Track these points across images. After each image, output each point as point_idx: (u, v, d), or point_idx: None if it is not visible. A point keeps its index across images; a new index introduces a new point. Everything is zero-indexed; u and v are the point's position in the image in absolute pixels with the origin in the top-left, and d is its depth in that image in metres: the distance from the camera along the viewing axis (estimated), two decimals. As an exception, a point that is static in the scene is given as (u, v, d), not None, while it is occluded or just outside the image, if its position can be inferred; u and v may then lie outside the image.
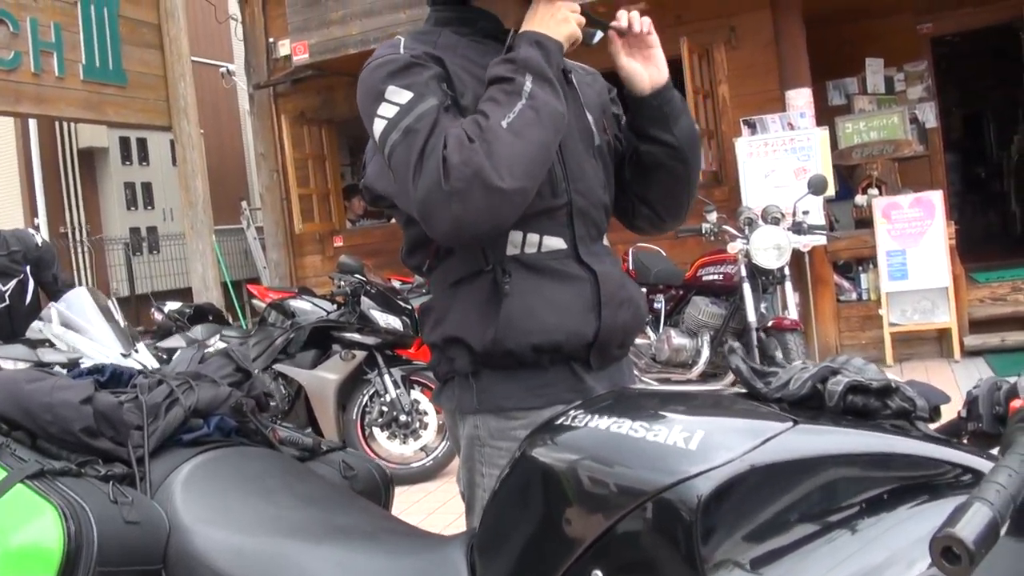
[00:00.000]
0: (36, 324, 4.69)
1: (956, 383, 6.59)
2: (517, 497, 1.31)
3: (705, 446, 1.13)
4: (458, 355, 1.75)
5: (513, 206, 1.60)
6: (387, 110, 1.65)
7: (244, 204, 11.91)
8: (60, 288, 5.28)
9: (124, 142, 11.36)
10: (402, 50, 1.71)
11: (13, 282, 5.21)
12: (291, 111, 10.13)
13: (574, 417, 1.27)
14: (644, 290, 6.19)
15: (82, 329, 4.64)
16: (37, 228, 10.74)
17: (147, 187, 11.58)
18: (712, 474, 1.11)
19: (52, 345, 4.64)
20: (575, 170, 1.79)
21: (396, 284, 7.04)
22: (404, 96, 1.64)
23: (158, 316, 6.99)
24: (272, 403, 2.15)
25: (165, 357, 4.88)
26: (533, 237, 1.74)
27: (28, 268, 5.31)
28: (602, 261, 1.83)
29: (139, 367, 4.20)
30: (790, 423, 1.16)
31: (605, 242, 1.91)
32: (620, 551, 1.15)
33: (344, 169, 11.85)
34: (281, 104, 10.28)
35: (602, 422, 1.22)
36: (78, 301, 4.80)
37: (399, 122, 1.63)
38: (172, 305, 6.94)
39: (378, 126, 1.66)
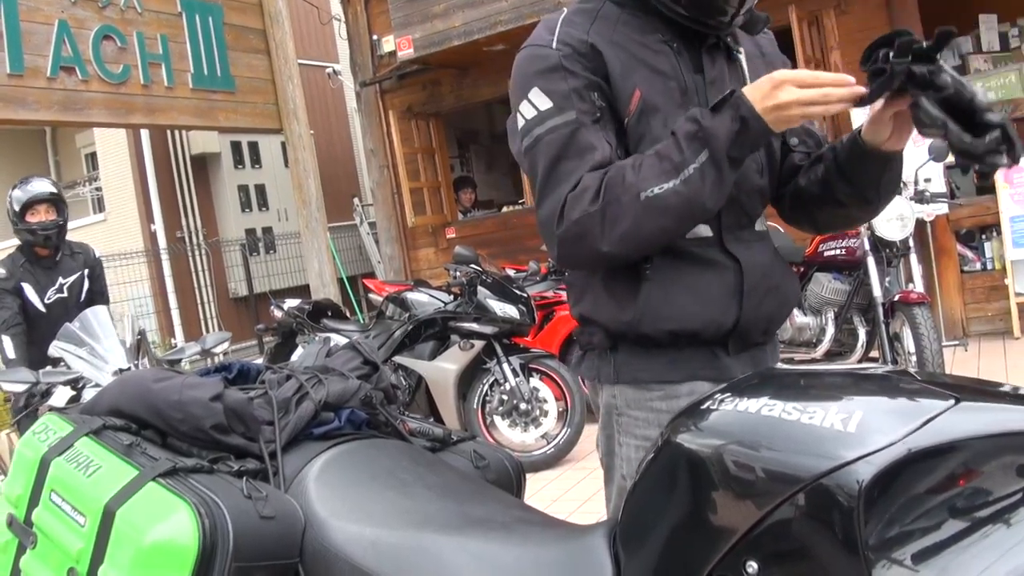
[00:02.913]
0: (55, 343, 4.83)
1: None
2: (662, 485, 1.25)
3: (864, 428, 1.06)
4: (595, 332, 1.77)
5: (614, 263, 1.67)
6: (527, 110, 1.68)
7: (356, 201, 12.06)
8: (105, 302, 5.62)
9: (236, 146, 11.61)
10: (555, 40, 1.69)
11: (73, 277, 5.53)
12: (398, 106, 10.19)
13: (721, 400, 1.20)
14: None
15: (87, 346, 4.73)
16: (154, 234, 11.07)
17: (260, 189, 11.82)
18: (873, 458, 1.04)
19: (64, 364, 4.74)
20: None
21: (511, 273, 7.00)
22: (544, 103, 1.65)
23: (278, 314, 7.10)
24: (398, 394, 2.13)
25: (167, 367, 4.88)
26: None
27: (87, 271, 5.62)
28: (750, 248, 1.78)
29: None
30: (952, 401, 1.08)
31: (759, 226, 1.84)
32: (775, 541, 1.09)
33: (453, 161, 11.89)
34: (388, 100, 10.36)
35: (752, 404, 1.16)
36: (94, 318, 4.90)
37: (532, 129, 1.67)
38: (291, 303, 7.04)
39: (519, 121, 1.70)
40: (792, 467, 1.07)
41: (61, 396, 4.55)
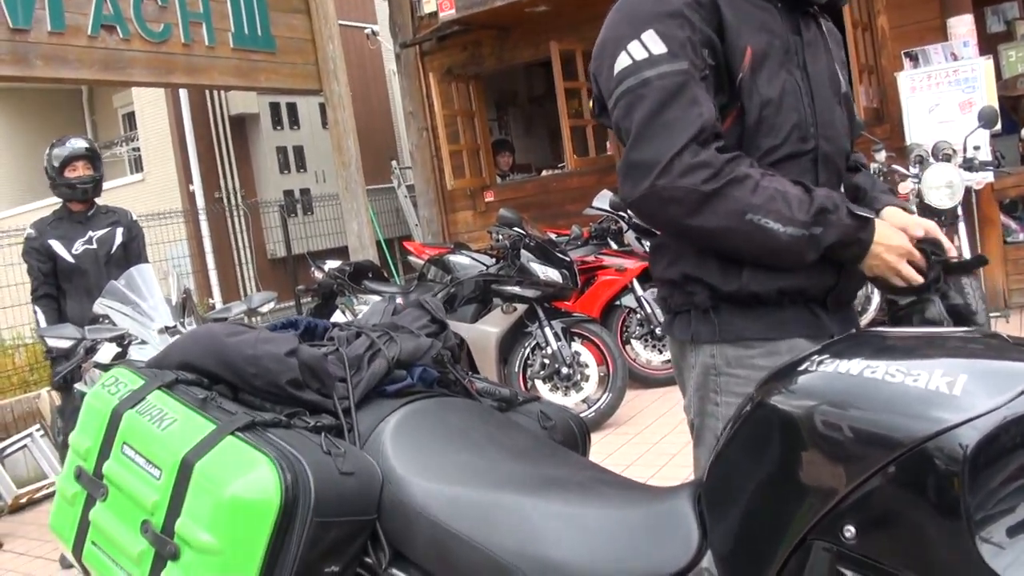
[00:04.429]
0: (100, 299, 4.87)
1: None
2: (753, 447, 1.23)
3: (970, 391, 1.04)
4: (698, 291, 1.77)
5: (682, 236, 1.74)
6: (637, 51, 1.66)
7: (394, 163, 12.04)
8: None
9: (274, 107, 11.60)
10: None
11: (103, 231, 5.59)
12: (438, 68, 10.14)
13: (820, 362, 1.18)
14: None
15: (132, 303, 4.75)
16: (193, 195, 11.10)
17: (299, 150, 11.81)
18: (979, 422, 1.02)
19: (108, 320, 4.77)
20: (824, 115, 1.77)
21: (553, 237, 6.98)
22: (658, 47, 1.64)
23: (318, 275, 7.12)
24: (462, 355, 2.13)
25: None
26: None
27: (120, 230, 5.66)
28: None
29: None
30: None
31: (841, 189, 1.89)
32: (875, 506, 1.07)
33: (491, 124, 11.83)
34: (428, 62, 10.31)
35: (853, 366, 1.14)
36: (139, 276, 4.92)
37: (640, 71, 1.65)
38: (332, 264, 7.06)
39: (623, 61, 1.67)
40: (897, 429, 1.06)
41: (106, 352, 4.59)
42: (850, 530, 1.08)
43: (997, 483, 1.01)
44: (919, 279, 1.66)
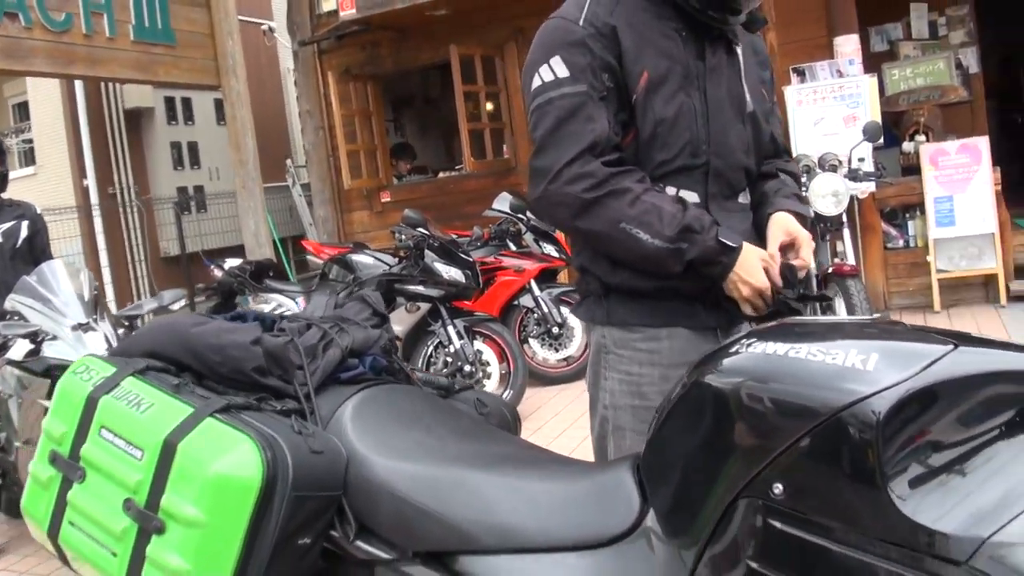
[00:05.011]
0: (11, 295, 4.87)
1: (1004, 328, 6.63)
2: (688, 420, 1.40)
3: (880, 367, 1.22)
4: (591, 280, 2.04)
5: (572, 238, 2.08)
6: (546, 74, 1.90)
7: (288, 162, 12.00)
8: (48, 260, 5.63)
9: (169, 102, 11.45)
10: (583, 19, 1.90)
11: (7, 225, 5.53)
12: (336, 67, 10.16)
13: (748, 344, 1.36)
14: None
15: (45, 300, 4.78)
16: (86, 190, 10.89)
17: (193, 146, 11.69)
18: (888, 393, 1.19)
19: (20, 318, 4.78)
20: (718, 134, 1.97)
21: (454, 237, 7.10)
22: (562, 71, 1.88)
23: (218, 273, 7.10)
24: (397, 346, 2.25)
25: (127, 323, 4.97)
26: (671, 190, 1.94)
27: (25, 224, 5.61)
28: (731, 217, 2.00)
29: (101, 337, 4.36)
30: (951, 345, 1.25)
31: (743, 199, 2.09)
32: (800, 466, 1.25)
33: (387, 125, 11.88)
34: (326, 60, 10.32)
35: (779, 348, 1.31)
36: (50, 272, 4.94)
37: (547, 91, 1.89)
38: (233, 262, 7.05)
39: (536, 81, 1.92)
40: (817, 401, 1.23)
41: (19, 349, 4.56)
42: (778, 487, 1.25)
43: (904, 443, 1.20)
44: (759, 313, 1.90)
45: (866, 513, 1.17)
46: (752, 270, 1.87)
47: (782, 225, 1.98)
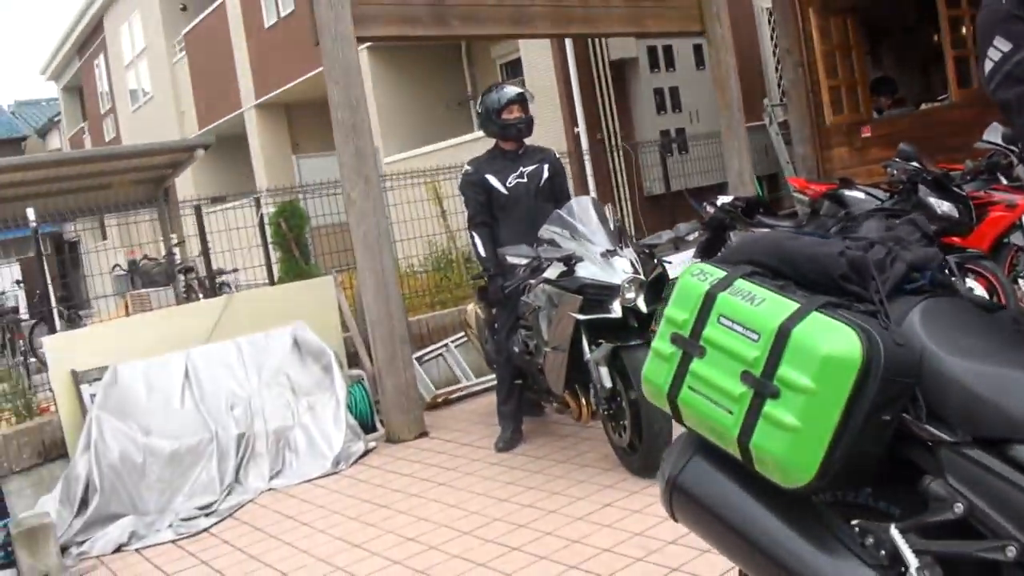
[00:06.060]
0: (545, 226, 5.53)
1: None
2: None
3: None
4: None
5: None
6: (993, 54, 1.99)
7: (766, 101, 12.23)
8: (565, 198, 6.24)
9: (651, 51, 12.09)
10: None
11: (532, 167, 6.24)
12: (816, 3, 10.20)
13: None
14: None
15: (574, 229, 5.37)
16: (577, 137, 11.86)
17: (674, 91, 12.27)
18: None
19: (553, 244, 5.41)
20: None
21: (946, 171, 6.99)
22: (1006, 46, 1.96)
23: (710, 210, 7.55)
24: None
25: (647, 251, 5.43)
26: None
27: (547, 166, 6.29)
28: None
29: (626, 262, 4.83)
30: None
31: None
32: None
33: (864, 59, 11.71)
34: (810, -4, 10.37)
35: None
36: (578, 206, 5.56)
37: (1001, 67, 1.97)
38: (724, 199, 7.47)
39: (987, 65, 2.02)
40: None
41: (554, 270, 5.33)
42: None
43: None
44: None
45: None
46: None
47: None
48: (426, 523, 4.95)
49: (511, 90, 6.32)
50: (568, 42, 11.56)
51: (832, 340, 1.84)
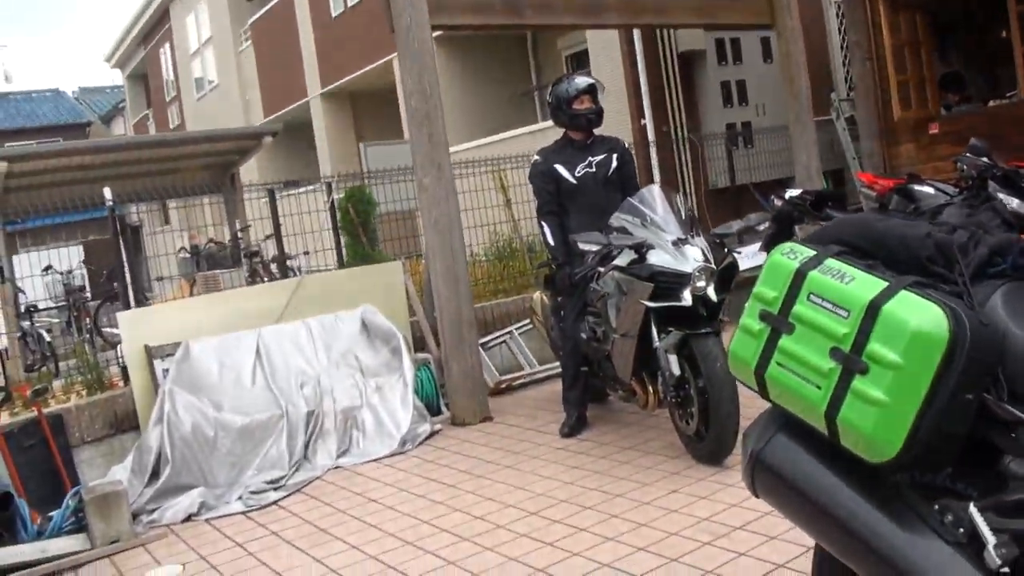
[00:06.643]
0: (616, 214, 5.60)
1: None
2: None
3: None
4: None
5: None
6: None
7: (833, 95, 12.15)
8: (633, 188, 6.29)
9: (719, 43, 12.06)
10: None
11: (600, 156, 6.30)
12: (888, -2, 10.14)
13: None
14: None
15: (646, 217, 5.42)
16: (643, 128, 11.87)
17: (741, 84, 12.21)
18: None
19: (624, 232, 5.47)
20: None
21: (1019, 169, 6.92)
22: None
23: (778, 203, 7.53)
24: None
25: (718, 240, 5.47)
26: None
27: (615, 155, 6.34)
28: None
29: (698, 251, 4.89)
30: None
31: None
32: None
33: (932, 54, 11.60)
34: (876, -9, 10.31)
35: None
36: (649, 195, 5.61)
37: None
38: (793, 192, 7.44)
39: None
40: None
41: (625, 257, 5.39)
42: None
43: None
44: None
45: None
46: None
47: None
48: (493, 503, 5.05)
49: (582, 80, 6.39)
50: (636, 34, 11.57)
51: (921, 317, 1.90)
